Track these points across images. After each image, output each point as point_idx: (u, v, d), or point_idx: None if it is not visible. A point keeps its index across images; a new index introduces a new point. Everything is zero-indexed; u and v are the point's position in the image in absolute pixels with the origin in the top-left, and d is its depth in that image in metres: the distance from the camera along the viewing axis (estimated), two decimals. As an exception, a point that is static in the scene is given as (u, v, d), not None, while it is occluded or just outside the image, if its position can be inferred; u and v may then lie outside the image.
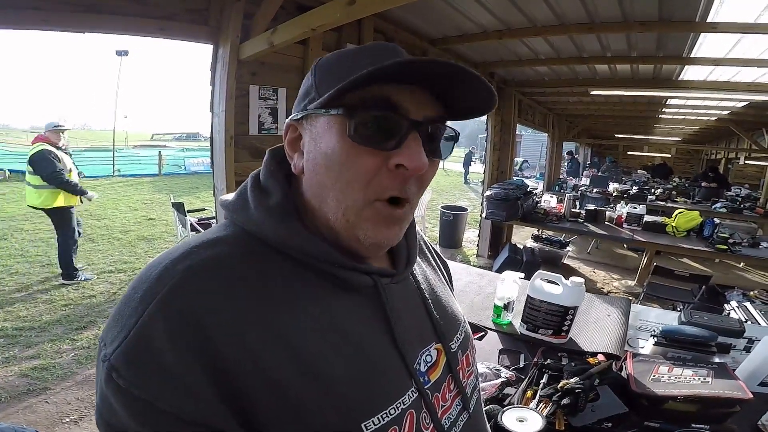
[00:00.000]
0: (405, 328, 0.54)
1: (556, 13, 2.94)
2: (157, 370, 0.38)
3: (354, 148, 0.46)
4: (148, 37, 2.02)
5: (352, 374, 0.46)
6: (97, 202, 9.28)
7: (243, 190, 0.54)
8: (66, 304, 4.03)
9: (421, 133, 0.47)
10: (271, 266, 0.48)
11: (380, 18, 3.09)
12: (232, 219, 0.52)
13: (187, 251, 0.45)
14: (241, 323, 0.42)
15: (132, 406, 0.38)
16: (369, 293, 0.53)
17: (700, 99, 5.89)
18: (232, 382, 0.40)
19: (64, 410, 2.54)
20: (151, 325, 0.39)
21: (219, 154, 2.22)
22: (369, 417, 0.46)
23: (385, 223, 0.49)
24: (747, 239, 4.24)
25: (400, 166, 0.46)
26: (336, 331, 0.48)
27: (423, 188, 0.51)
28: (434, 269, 0.72)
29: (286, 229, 0.49)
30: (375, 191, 0.47)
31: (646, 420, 1.02)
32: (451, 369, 0.60)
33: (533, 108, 7.90)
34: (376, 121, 0.45)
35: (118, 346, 0.39)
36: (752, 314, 1.68)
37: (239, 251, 0.47)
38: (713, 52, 3.57)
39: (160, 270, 0.43)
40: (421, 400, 0.52)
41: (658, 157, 15.58)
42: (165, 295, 0.41)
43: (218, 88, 2.19)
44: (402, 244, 0.60)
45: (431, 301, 0.62)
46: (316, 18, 1.76)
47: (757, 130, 8.39)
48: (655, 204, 7.25)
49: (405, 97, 0.46)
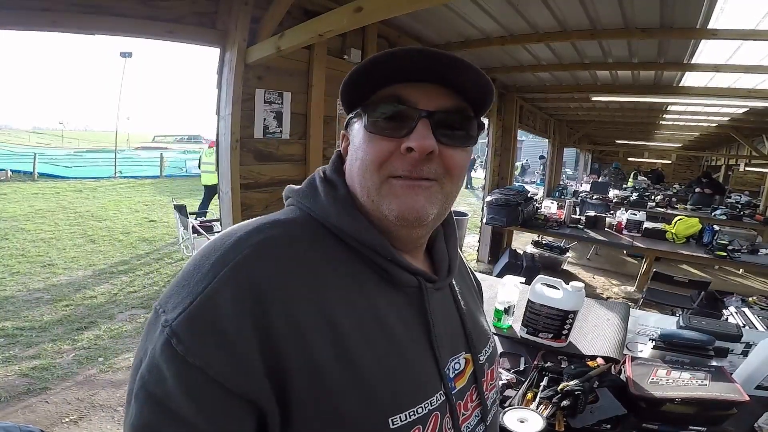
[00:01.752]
0: (440, 333, 0.56)
1: (558, 20, 2.97)
2: (216, 337, 0.40)
3: (372, 138, 0.52)
4: (157, 39, 2.03)
5: (385, 367, 0.48)
6: (98, 204, 9.34)
7: (312, 180, 0.58)
8: (67, 305, 4.04)
9: (433, 120, 0.50)
10: (332, 252, 0.51)
11: (384, 24, 3.11)
12: (300, 205, 0.56)
13: (260, 226, 0.49)
14: (297, 302, 0.44)
15: (184, 373, 0.40)
16: (413, 293, 0.55)
17: (701, 105, 5.89)
18: (278, 358, 0.42)
19: (64, 410, 2.55)
20: (220, 292, 0.42)
21: (224, 157, 2.23)
22: (397, 413, 0.47)
23: (404, 192, 0.51)
24: (746, 246, 4.25)
25: (410, 149, 0.49)
26: (377, 324, 0.50)
27: (453, 172, 0.54)
28: (469, 286, 0.76)
29: (349, 217, 0.52)
30: (388, 170, 0.51)
31: (645, 422, 1.03)
32: (476, 380, 0.61)
33: (534, 114, 7.92)
34: (386, 114, 0.51)
35: (182, 311, 0.41)
36: (750, 319, 1.69)
37: (307, 233, 0.51)
38: (714, 59, 3.59)
39: (234, 240, 0.46)
40: (447, 405, 0.54)
41: (658, 164, 15.63)
42: (238, 264, 0.43)
43: (225, 92, 2.20)
44: (443, 253, 0.64)
45: (466, 313, 0.64)
46: (323, 24, 1.79)
47: (757, 136, 8.40)
48: (655, 210, 7.27)
49: (414, 92, 0.51)
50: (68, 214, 8.15)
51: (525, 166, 18.05)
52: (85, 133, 51.56)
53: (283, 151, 2.55)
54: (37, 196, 9.82)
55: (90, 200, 9.82)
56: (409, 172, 0.50)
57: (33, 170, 12.41)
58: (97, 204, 9.38)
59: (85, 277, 4.82)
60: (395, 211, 0.51)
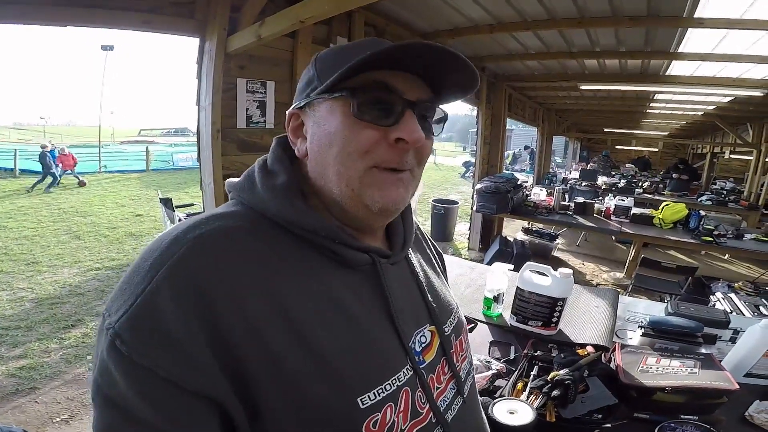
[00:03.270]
0: (401, 307, 0.56)
1: (546, 8, 2.95)
2: (160, 337, 0.39)
3: (357, 124, 0.50)
4: (132, 30, 1.96)
5: (347, 348, 0.48)
6: (83, 199, 9.18)
7: (251, 172, 0.57)
8: (53, 303, 3.97)
9: (416, 111, 0.52)
10: (275, 241, 0.50)
11: (371, 11, 3.06)
12: (239, 198, 0.55)
13: (196, 222, 0.48)
14: (243, 293, 0.44)
15: (132, 374, 0.39)
16: (367, 271, 0.55)
17: (687, 94, 5.95)
18: (232, 352, 0.41)
19: (54, 410, 2.52)
20: (159, 292, 0.41)
21: (206, 148, 2.18)
22: (365, 392, 0.47)
23: (388, 185, 0.52)
24: (732, 231, 4.31)
25: (399, 140, 0.50)
26: (333, 306, 0.50)
27: (422, 162, 0.56)
28: (429, 258, 0.75)
29: (290, 206, 0.51)
30: (373, 159, 0.50)
31: (636, 411, 1.03)
32: (445, 352, 0.62)
33: (523, 102, 7.92)
34: (375, 100, 0.50)
35: (123, 314, 0.40)
36: (737, 305, 1.70)
37: (246, 225, 0.50)
38: (700, 48, 3.60)
39: (170, 239, 0.45)
40: (416, 379, 0.54)
41: (645, 152, 15.80)
42: (175, 262, 0.42)
43: (205, 82, 2.15)
44: (399, 227, 0.64)
45: (425, 285, 0.64)
46: (304, 10, 1.73)
47: (741, 124, 8.50)
48: (643, 197, 7.35)
49: (399, 80, 0.51)
50: (51, 210, 8.01)
51: (516, 155, 18.04)
52: (68, 128, 50.48)
53: (268, 140, 2.45)
54: (18, 193, 9.62)
55: (74, 196, 9.65)
56: (397, 163, 0.51)
57: (14, 167, 12.17)
58: (82, 200, 9.22)
59: (71, 275, 4.75)
60: (379, 203, 0.52)
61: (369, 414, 0.47)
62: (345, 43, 0.57)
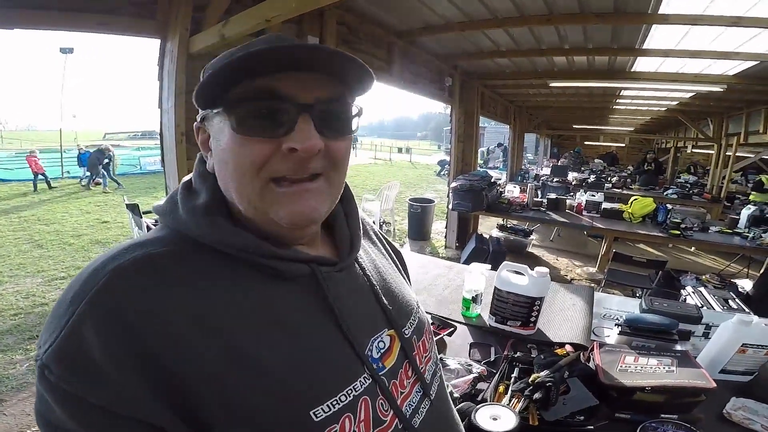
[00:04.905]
0: (352, 316, 0.54)
1: (516, 5, 2.97)
2: (86, 366, 0.39)
3: (243, 140, 0.46)
4: (89, 32, 1.88)
5: (289, 362, 0.46)
6: (45, 206, 8.77)
7: (174, 194, 0.54)
8: (16, 314, 3.80)
9: (314, 114, 0.47)
10: (200, 262, 0.48)
11: (344, 10, 3.01)
12: (164, 222, 0.53)
13: (116, 253, 0.46)
14: (170, 319, 0.42)
15: (65, 402, 0.39)
16: (307, 282, 0.53)
17: (651, 90, 6.14)
18: (167, 376, 0.40)
19: (24, 422, 2.43)
20: (81, 324, 0.40)
21: (170, 151, 2.10)
22: (317, 404, 0.46)
23: (292, 199, 0.48)
24: (697, 224, 4.46)
25: (293, 149, 0.46)
26: (269, 321, 0.48)
27: (338, 164, 0.51)
28: (384, 256, 0.72)
29: (212, 226, 0.49)
30: (267, 174, 0.47)
31: (617, 411, 1.02)
32: (407, 355, 0.60)
33: (495, 100, 8.02)
34: (258, 111, 0.46)
35: (49, 346, 0.40)
36: (707, 299, 1.74)
37: (169, 250, 0.47)
38: (664, 44, 3.71)
39: (89, 272, 0.44)
40: (376, 387, 0.52)
41: (613, 147, 16.26)
42: (93, 295, 0.41)
43: (167, 83, 2.07)
44: (344, 231, 0.61)
45: (380, 287, 0.62)
46: (270, 8, 1.67)
47: (702, 119, 8.84)
48: (612, 192, 7.55)
49: (289, 83, 0.46)
50: (11, 218, 7.60)
51: (490, 151, 18.23)
52: (27, 132, 48.39)
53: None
54: (-26, 200, 9.12)
55: (36, 203, 9.21)
56: (294, 172, 0.47)
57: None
58: (44, 207, 8.80)
59: (34, 285, 4.52)
60: (285, 218, 0.49)
61: (325, 426, 0.46)
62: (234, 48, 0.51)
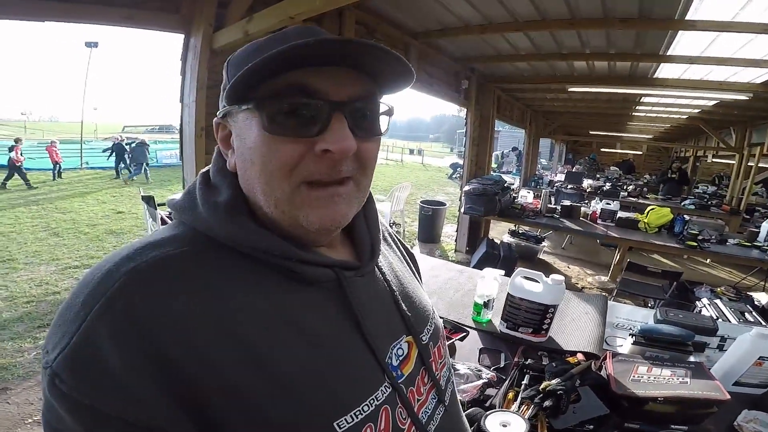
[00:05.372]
0: (373, 322, 0.52)
1: (538, 8, 2.94)
2: (100, 374, 0.37)
3: (274, 140, 0.44)
4: (114, 26, 1.91)
5: (312, 371, 0.45)
6: (62, 195, 8.95)
7: (191, 189, 0.52)
8: (28, 301, 3.86)
9: (347, 113, 0.45)
10: (222, 264, 0.46)
11: (362, 10, 3.02)
12: (181, 219, 0.50)
13: (131, 253, 0.43)
14: (189, 325, 0.40)
15: (77, 411, 0.37)
16: (331, 287, 0.51)
17: (674, 97, 6.01)
18: (187, 384, 0.38)
19: (27, 411, 2.45)
20: (95, 330, 0.37)
21: (189, 145, 2.13)
22: (341, 415, 0.44)
23: (323, 203, 0.47)
24: (715, 236, 4.36)
25: (327, 150, 0.44)
26: (293, 329, 0.46)
27: (368, 166, 0.50)
28: (400, 260, 0.71)
29: (235, 225, 0.46)
30: (300, 176, 0.45)
31: (627, 421, 1.01)
32: (423, 362, 0.59)
33: (511, 104, 7.95)
34: (291, 109, 0.44)
35: (60, 353, 0.37)
36: (723, 311, 1.70)
37: (187, 251, 0.45)
38: (689, 51, 3.62)
39: (102, 273, 0.41)
40: (396, 395, 0.51)
41: (630, 155, 16.01)
42: (108, 299, 0.39)
43: (189, 78, 2.10)
44: (365, 235, 0.60)
45: (399, 293, 0.60)
46: (294, 6, 1.69)
47: (725, 128, 8.65)
48: (628, 200, 7.44)
49: (322, 79, 0.44)
50: (30, 206, 7.78)
51: (504, 155, 18.06)
52: (50, 124, 49.35)
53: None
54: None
55: (54, 192, 9.41)
56: (328, 175, 0.46)
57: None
58: (62, 195, 8.98)
59: (48, 272, 4.61)
60: (315, 223, 0.47)
61: None
62: (260, 40, 0.50)
